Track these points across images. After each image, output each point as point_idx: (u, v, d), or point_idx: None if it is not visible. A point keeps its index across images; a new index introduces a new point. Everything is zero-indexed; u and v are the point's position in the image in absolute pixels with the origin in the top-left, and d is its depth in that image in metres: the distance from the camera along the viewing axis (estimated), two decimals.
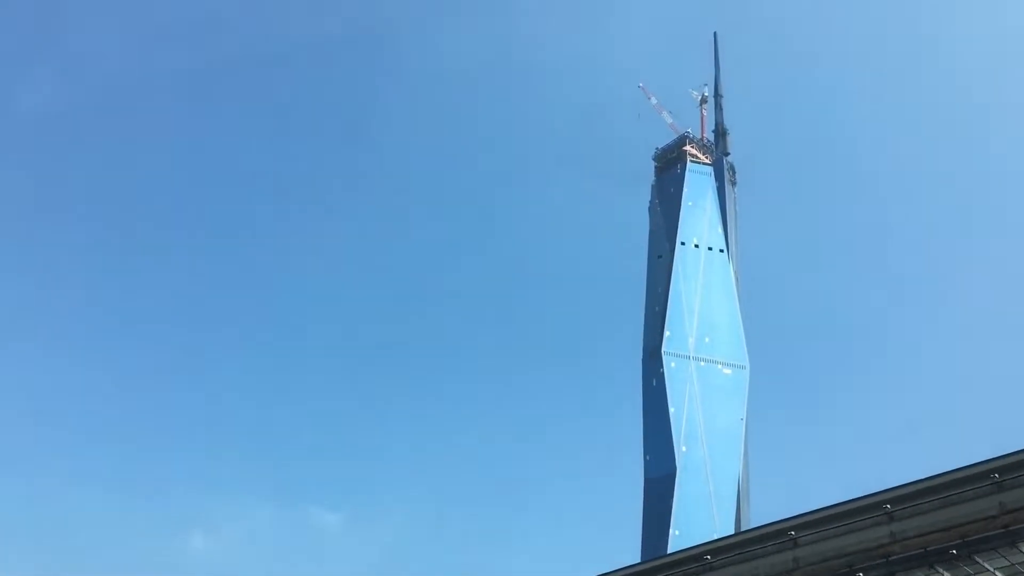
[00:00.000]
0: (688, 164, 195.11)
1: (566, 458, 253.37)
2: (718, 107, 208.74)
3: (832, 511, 30.06)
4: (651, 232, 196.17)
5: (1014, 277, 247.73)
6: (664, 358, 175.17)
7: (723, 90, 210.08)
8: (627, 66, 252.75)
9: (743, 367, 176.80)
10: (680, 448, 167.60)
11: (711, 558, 30.92)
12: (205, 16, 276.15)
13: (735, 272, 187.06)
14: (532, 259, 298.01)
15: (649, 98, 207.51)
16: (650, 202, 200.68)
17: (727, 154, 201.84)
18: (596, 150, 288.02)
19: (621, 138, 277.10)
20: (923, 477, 28.79)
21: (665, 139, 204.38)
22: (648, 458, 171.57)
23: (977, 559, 26.93)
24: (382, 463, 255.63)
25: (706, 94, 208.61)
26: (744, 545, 31.15)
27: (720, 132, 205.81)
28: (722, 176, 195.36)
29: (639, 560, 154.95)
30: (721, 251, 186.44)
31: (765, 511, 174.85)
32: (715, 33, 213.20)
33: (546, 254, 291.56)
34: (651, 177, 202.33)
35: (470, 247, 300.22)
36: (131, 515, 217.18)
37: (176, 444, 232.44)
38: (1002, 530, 26.08)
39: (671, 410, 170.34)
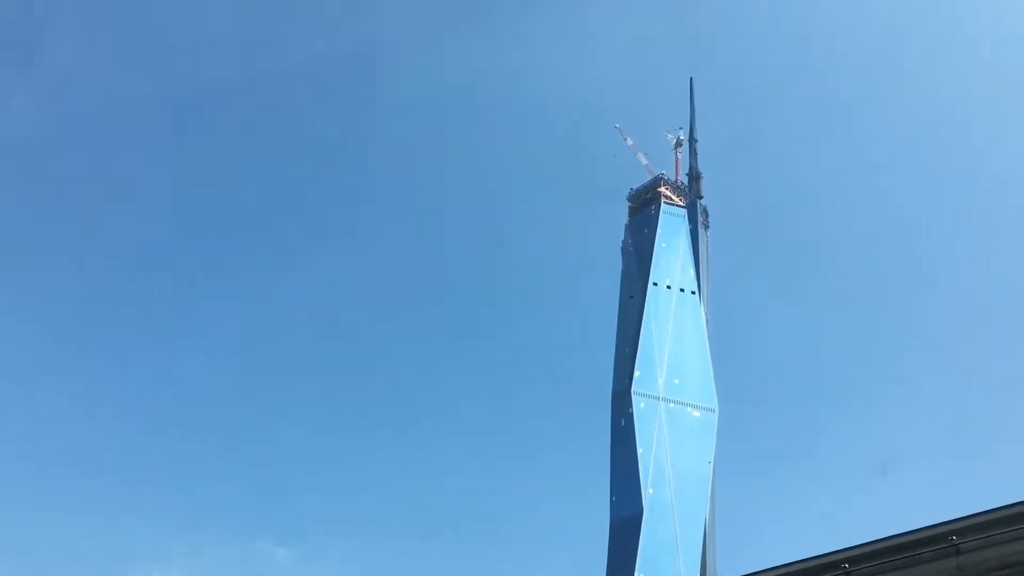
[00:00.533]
0: (662, 205, 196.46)
1: (530, 496, 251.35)
2: (692, 151, 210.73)
3: (792, 568, 29.32)
4: (623, 272, 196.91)
5: (991, 319, 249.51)
6: (633, 398, 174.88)
7: (698, 134, 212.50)
8: (605, 107, 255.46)
9: (712, 410, 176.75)
10: (647, 490, 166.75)
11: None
12: (193, 38, 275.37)
13: (706, 315, 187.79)
14: (502, 296, 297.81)
15: (625, 139, 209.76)
16: (623, 242, 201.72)
17: (700, 197, 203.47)
18: (571, 189, 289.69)
19: (597, 178, 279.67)
20: (882, 537, 28.15)
21: (640, 180, 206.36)
22: (615, 499, 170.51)
23: None
24: (335, 497, 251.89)
25: (681, 137, 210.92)
26: None
27: (694, 176, 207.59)
28: (695, 219, 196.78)
29: None
30: (693, 293, 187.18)
31: (731, 556, 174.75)
32: (691, 78, 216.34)
33: (516, 290, 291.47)
34: (625, 217, 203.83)
35: (431, 283, 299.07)
36: (80, 545, 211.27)
37: (126, 475, 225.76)
38: None
39: (639, 451, 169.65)
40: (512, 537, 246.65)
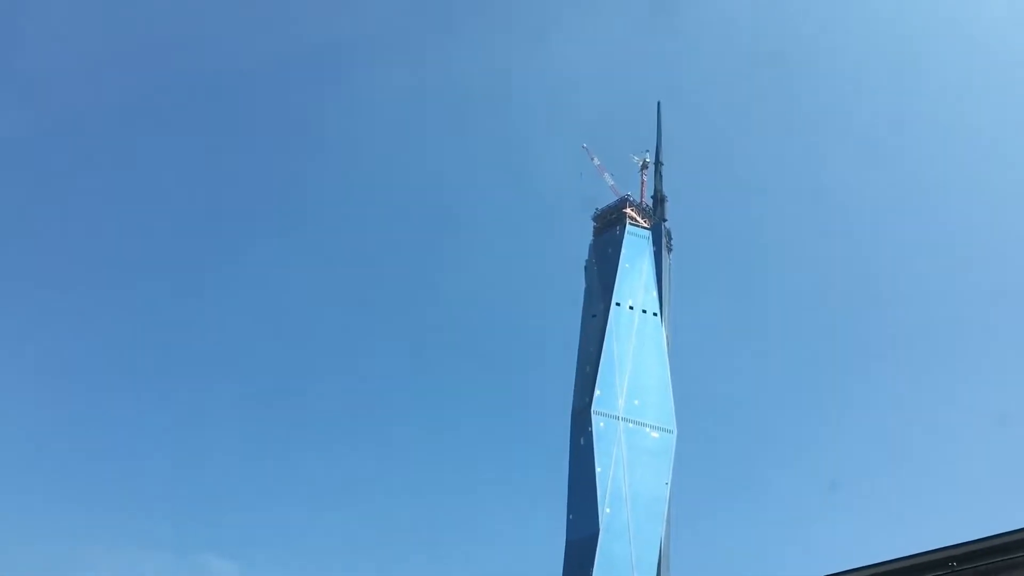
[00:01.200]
0: (627, 226, 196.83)
1: (484, 515, 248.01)
2: (658, 174, 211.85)
3: None
4: (586, 291, 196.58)
5: (944, 356, 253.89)
6: (593, 417, 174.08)
7: (663, 157, 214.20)
8: (571, 126, 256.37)
9: (670, 432, 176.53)
10: (604, 509, 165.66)
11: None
12: (166, 38, 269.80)
13: (667, 337, 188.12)
14: (461, 309, 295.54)
15: (592, 159, 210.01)
16: (587, 261, 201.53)
17: (664, 220, 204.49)
18: (536, 207, 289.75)
19: (562, 196, 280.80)
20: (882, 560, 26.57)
21: (606, 200, 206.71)
22: (571, 518, 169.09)
23: None
24: (282, 511, 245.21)
25: (647, 160, 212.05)
26: None
27: (659, 199, 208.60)
28: (659, 241, 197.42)
29: None
30: (655, 315, 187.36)
31: None
32: (659, 102, 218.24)
33: (476, 305, 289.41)
34: (590, 236, 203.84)
35: (393, 291, 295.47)
36: (6, 564, 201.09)
37: (62, 491, 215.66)
38: None
39: (598, 470, 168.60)
40: (465, 557, 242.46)
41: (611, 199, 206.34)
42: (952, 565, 25.02)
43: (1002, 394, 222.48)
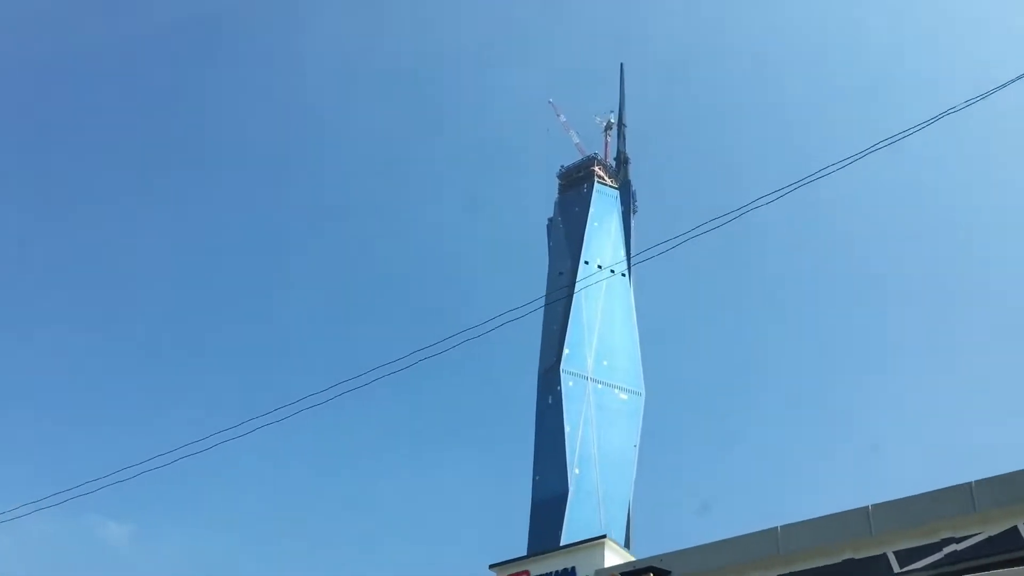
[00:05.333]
0: (596, 184, 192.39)
1: (446, 474, 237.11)
2: (621, 136, 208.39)
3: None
4: (551, 248, 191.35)
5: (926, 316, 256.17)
6: (562, 376, 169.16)
7: (627, 119, 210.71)
8: (536, 87, 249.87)
9: (639, 393, 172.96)
10: (573, 470, 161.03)
11: None
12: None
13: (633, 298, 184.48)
14: (418, 267, 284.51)
15: (558, 115, 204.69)
16: (551, 219, 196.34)
17: (628, 182, 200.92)
18: (499, 164, 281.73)
19: (527, 152, 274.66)
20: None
21: (571, 159, 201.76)
22: (538, 478, 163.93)
23: None
24: (189, 469, 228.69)
25: (612, 120, 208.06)
26: None
27: (622, 160, 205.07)
28: (627, 201, 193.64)
29: None
30: (623, 275, 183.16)
31: (647, 543, 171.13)
32: (622, 64, 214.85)
33: (433, 263, 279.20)
34: (555, 194, 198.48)
35: (352, 249, 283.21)
36: None
37: None
38: None
39: (566, 429, 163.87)
40: (424, 519, 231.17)
41: (576, 158, 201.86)
42: None
43: None
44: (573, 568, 30.38)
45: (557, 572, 30.63)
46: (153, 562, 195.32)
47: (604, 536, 30.59)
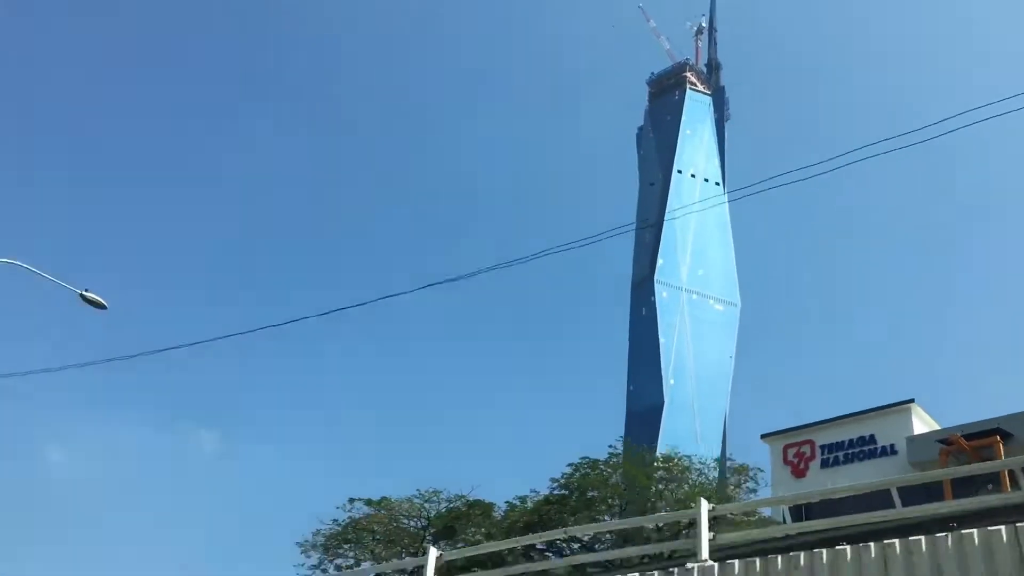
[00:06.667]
0: (687, 91, 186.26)
1: (536, 388, 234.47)
2: (712, 41, 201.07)
3: None
4: (641, 159, 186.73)
5: None
6: (656, 286, 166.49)
7: (717, 24, 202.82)
8: None
9: (735, 304, 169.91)
10: (668, 381, 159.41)
11: None
12: None
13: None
14: (509, 179, 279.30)
15: (648, 20, 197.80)
16: (640, 128, 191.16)
17: (721, 88, 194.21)
18: (587, 72, 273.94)
19: (615, 60, 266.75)
20: None
21: (661, 65, 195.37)
22: (632, 389, 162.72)
23: None
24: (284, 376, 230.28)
25: (703, 25, 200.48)
26: None
27: (713, 66, 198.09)
28: (721, 108, 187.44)
29: None
30: (717, 184, 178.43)
31: (742, 453, 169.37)
32: None
33: (525, 173, 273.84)
34: (644, 102, 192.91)
35: (447, 165, 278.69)
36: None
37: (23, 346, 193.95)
38: None
39: (661, 341, 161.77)
40: (518, 431, 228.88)
41: (666, 64, 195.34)
42: None
43: None
44: (872, 435, 28.09)
45: (852, 440, 28.38)
46: (242, 468, 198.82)
47: (912, 400, 28.14)
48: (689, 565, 8.42)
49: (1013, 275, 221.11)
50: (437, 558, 10.75)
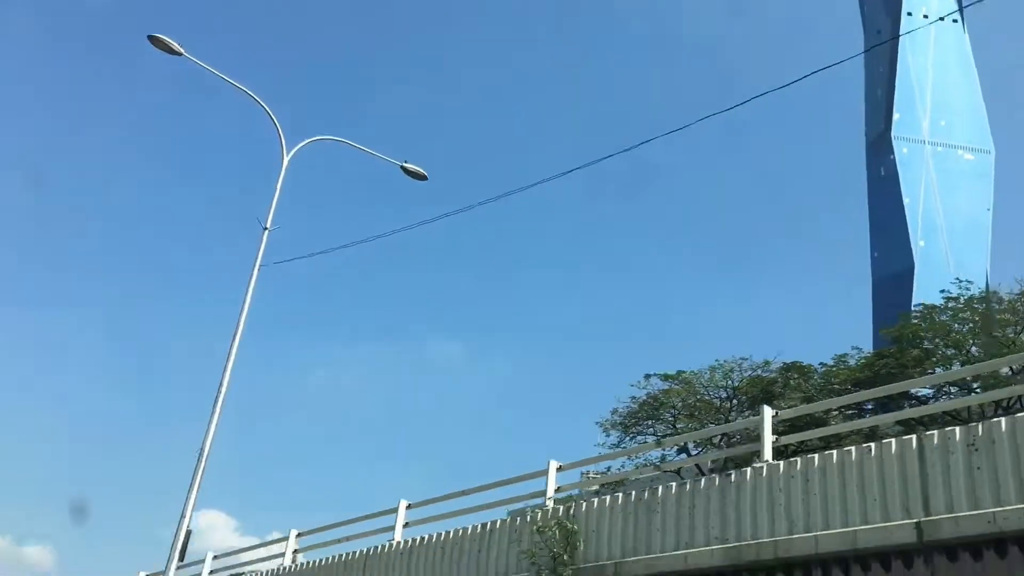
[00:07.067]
0: None
1: (772, 266, 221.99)
2: None
3: None
4: (863, 3, 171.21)
5: None
6: (894, 143, 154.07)
7: None
8: None
9: (987, 151, 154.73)
10: (918, 242, 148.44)
11: None
12: None
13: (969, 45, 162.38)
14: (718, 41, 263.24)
15: None
16: None
17: None
18: None
19: None
20: None
21: None
22: (876, 255, 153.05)
23: None
24: (522, 286, 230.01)
25: None
26: None
27: None
28: None
29: None
30: (955, 21, 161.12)
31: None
32: None
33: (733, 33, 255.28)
34: None
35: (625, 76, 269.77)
36: (248, 356, 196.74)
37: (289, 299, 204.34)
38: None
39: (905, 200, 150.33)
40: (756, 309, 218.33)
41: None
42: None
43: None
44: None
45: None
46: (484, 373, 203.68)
47: None
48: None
49: None
50: (773, 416, 11.18)
